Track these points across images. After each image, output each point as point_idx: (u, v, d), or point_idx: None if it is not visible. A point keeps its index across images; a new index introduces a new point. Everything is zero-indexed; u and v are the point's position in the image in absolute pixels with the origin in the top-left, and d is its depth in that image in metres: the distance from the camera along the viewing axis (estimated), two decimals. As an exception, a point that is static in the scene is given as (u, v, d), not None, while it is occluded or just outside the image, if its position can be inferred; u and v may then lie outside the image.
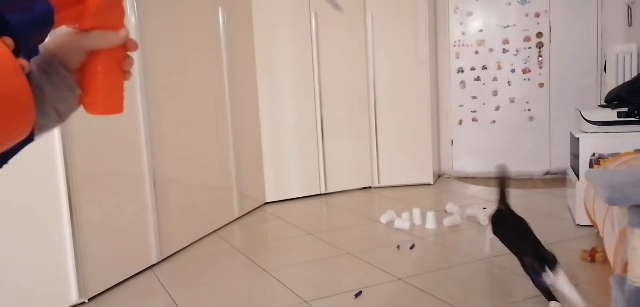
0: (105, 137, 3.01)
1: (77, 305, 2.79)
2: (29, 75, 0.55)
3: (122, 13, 0.70)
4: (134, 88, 3.20)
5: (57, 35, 0.67)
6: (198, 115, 3.91)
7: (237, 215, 4.36)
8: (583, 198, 3.52)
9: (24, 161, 2.72)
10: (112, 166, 3.07)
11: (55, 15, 0.58)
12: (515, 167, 5.46)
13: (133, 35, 3.17)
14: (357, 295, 2.68)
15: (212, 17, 4.08)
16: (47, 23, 0.58)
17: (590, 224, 3.39)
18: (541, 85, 5.31)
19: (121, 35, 0.69)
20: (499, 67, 5.40)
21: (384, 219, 3.99)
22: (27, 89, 0.53)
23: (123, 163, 3.16)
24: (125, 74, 0.72)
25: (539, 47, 5.26)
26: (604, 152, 3.46)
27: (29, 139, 0.60)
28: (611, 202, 1.57)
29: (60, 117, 0.71)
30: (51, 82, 0.67)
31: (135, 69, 3.19)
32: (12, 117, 0.52)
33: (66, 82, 0.68)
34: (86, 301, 2.82)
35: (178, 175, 3.65)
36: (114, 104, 0.71)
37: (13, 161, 0.63)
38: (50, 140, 2.64)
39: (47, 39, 0.63)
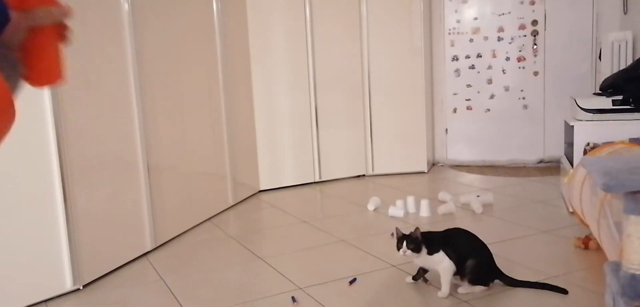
0: (99, 124, 2.99)
1: (71, 292, 2.78)
2: None
3: None
4: (127, 75, 3.18)
5: None
6: (192, 103, 3.89)
7: (231, 203, 4.35)
8: (568, 199, 3.51)
9: (18, 149, 2.70)
10: (106, 153, 3.05)
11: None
12: (509, 156, 5.48)
13: (126, 23, 3.16)
14: (351, 282, 2.69)
15: (206, 5, 4.05)
16: (5, 19, 0.60)
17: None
18: (536, 73, 5.31)
19: (64, 10, 0.70)
20: (494, 56, 5.39)
21: (371, 206, 4.02)
22: (7, 91, 0.55)
23: (117, 150, 3.14)
24: (64, 41, 0.73)
25: (534, 35, 5.26)
26: (599, 140, 3.46)
27: None
28: (607, 188, 1.57)
29: None
30: None
31: (129, 57, 3.17)
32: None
33: (9, 60, 0.68)
34: (81, 288, 2.81)
35: (172, 162, 3.63)
36: (57, 74, 0.73)
37: (6, 149, 0.64)
38: (44, 128, 2.62)
39: None
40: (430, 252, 2.46)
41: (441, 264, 2.45)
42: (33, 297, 2.65)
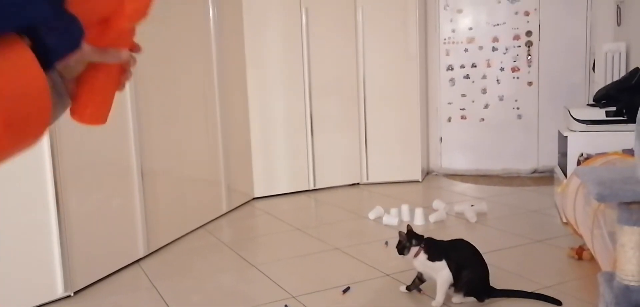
0: (92, 129, 2.97)
1: (63, 298, 2.76)
2: None
3: (134, 32, 0.71)
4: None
5: None
6: (187, 109, 3.88)
7: (225, 210, 4.33)
8: (561, 209, 3.52)
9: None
10: (99, 158, 3.04)
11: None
12: (503, 165, 5.49)
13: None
14: (345, 291, 2.68)
15: (202, 10, 4.05)
16: (77, 46, 0.59)
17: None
18: (530, 83, 5.33)
19: (128, 55, 0.71)
20: (489, 65, 5.41)
21: (372, 215, 3.99)
22: (49, 107, 0.56)
23: (111, 155, 3.13)
24: (120, 86, 0.73)
25: (528, 46, 5.28)
26: (592, 151, 3.47)
27: None
28: (601, 198, 1.58)
29: None
30: None
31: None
32: (33, 133, 0.55)
33: (58, 89, 0.66)
34: (72, 295, 2.79)
35: (166, 168, 3.62)
36: (102, 116, 0.71)
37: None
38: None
39: None
40: (431, 259, 2.45)
41: (440, 272, 2.44)
42: (24, 304, 2.63)
